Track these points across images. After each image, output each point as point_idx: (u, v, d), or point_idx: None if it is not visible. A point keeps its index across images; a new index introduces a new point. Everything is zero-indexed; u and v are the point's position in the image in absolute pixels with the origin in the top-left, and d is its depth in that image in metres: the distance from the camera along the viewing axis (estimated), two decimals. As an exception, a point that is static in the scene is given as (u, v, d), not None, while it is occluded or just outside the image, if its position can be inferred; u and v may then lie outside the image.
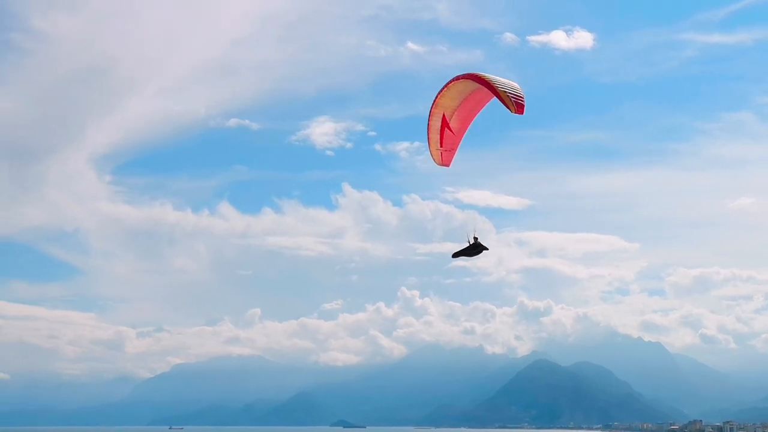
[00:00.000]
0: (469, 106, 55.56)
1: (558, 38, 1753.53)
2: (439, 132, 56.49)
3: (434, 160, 58.50)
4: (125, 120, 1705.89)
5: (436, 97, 55.23)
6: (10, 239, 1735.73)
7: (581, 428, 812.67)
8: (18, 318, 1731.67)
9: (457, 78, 53.95)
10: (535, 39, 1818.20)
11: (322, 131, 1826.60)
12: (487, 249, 59.86)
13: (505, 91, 51.12)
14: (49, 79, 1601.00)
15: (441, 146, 57.20)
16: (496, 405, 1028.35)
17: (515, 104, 51.28)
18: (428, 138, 56.81)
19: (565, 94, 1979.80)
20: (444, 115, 55.66)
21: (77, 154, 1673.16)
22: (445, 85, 54.64)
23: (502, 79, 52.29)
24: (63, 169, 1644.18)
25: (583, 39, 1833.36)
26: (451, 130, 56.34)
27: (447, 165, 59.13)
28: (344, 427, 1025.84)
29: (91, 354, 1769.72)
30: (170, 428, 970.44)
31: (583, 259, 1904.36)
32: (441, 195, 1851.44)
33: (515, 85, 52.40)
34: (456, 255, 60.73)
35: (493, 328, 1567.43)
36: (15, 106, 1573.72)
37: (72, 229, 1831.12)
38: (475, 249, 59.62)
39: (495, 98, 52.43)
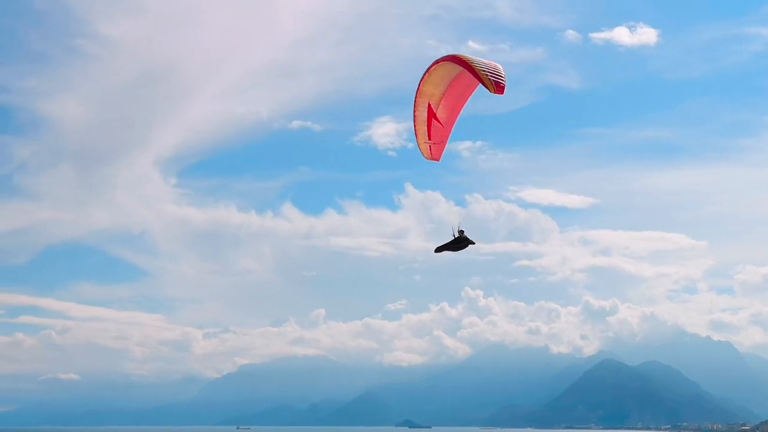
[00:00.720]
0: (455, 93, 50.94)
1: (621, 34, 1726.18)
2: (426, 123, 52.05)
3: (423, 154, 54.17)
4: (189, 123, 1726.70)
5: (419, 84, 50.72)
6: (79, 242, 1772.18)
7: (649, 429, 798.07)
8: (87, 319, 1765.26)
9: (437, 61, 49.70)
10: (598, 36, 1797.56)
11: (384, 132, 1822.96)
12: (473, 243, 55.34)
13: (484, 71, 46.66)
14: (114, 83, 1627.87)
15: (429, 139, 52.73)
16: (562, 405, 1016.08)
17: (494, 84, 46.80)
18: (415, 130, 52.55)
19: (629, 91, 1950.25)
20: (430, 105, 51.11)
21: (143, 157, 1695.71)
22: (427, 71, 50.17)
23: (484, 60, 47.97)
24: (129, 172, 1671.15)
25: (647, 35, 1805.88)
26: (438, 121, 51.88)
27: (437, 159, 54.74)
28: (410, 427, 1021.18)
29: (159, 355, 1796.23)
30: (237, 428, 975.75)
31: (649, 258, 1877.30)
32: (504, 194, 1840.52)
33: (497, 65, 47.99)
34: (439, 249, 56.36)
35: (559, 327, 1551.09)
36: (82, 111, 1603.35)
37: (139, 231, 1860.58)
38: (459, 243, 55.11)
39: (481, 85, 48.19)
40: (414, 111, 51.72)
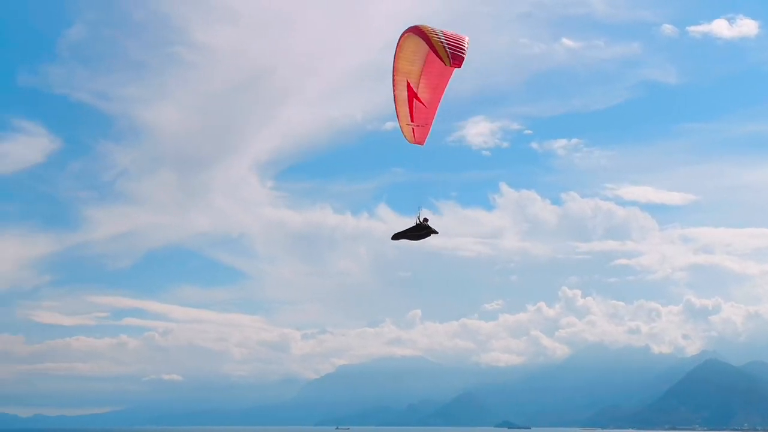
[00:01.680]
0: (434, 71, 46.21)
1: (720, 27, 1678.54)
2: (407, 103, 47.68)
3: (405, 137, 49.89)
4: (285, 127, 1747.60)
5: (394, 61, 46.56)
6: (180, 245, 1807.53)
7: (756, 430, 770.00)
8: (188, 321, 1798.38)
9: (403, 34, 45.57)
10: (696, 29, 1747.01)
11: (478, 131, 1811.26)
12: (435, 232, 50.67)
13: (440, 41, 42.11)
14: (211, 89, 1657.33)
15: (412, 121, 48.44)
16: (665, 406, 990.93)
17: (451, 56, 42.25)
18: (396, 111, 48.31)
19: (729, 85, 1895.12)
20: (408, 83, 46.61)
21: (240, 162, 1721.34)
22: (397, 45, 46.07)
23: (447, 31, 43.39)
24: (227, 177, 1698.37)
25: (747, 27, 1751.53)
26: (421, 102, 47.38)
27: (420, 143, 50.29)
28: (509, 428, 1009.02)
29: (258, 356, 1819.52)
30: (337, 428, 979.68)
31: (753, 255, 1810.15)
32: (601, 192, 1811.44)
33: (460, 36, 43.32)
34: (396, 237, 51.68)
35: (659, 327, 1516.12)
36: (181, 117, 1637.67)
37: (237, 235, 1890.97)
38: (419, 231, 50.44)
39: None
40: (393, 90, 47.49)
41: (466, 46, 42.83)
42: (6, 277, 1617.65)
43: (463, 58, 42.38)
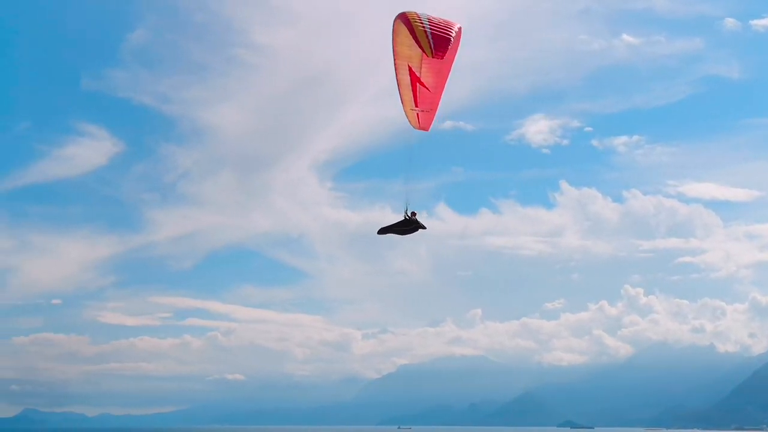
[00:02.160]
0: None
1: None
2: (410, 88, 47.24)
3: (410, 122, 49.50)
4: (344, 127, 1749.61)
5: (393, 45, 46.21)
6: (241, 246, 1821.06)
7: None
8: (250, 321, 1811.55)
9: (396, 19, 45.17)
10: (760, 23, 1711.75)
11: (537, 129, 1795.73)
12: (424, 228, 49.95)
13: (424, 29, 41.36)
14: (271, 91, 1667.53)
15: (416, 106, 48.02)
16: (731, 406, 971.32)
17: (434, 46, 41.49)
18: (400, 96, 47.98)
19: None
20: (410, 68, 46.08)
21: (300, 162, 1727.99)
22: (393, 30, 45.70)
23: (433, 17, 42.67)
24: (287, 177, 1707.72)
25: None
26: (425, 86, 46.90)
27: (426, 129, 49.85)
28: (571, 427, 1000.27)
29: (319, 355, 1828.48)
30: (399, 428, 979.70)
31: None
32: (663, 189, 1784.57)
33: (447, 22, 42.56)
34: (383, 231, 51.10)
35: (725, 325, 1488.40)
36: (242, 119, 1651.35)
37: (297, 235, 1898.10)
38: (407, 225, 49.77)
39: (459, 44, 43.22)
40: (396, 75, 47.15)
41: (452, 34, 41.94)
42: (72, 279, 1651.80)
43: (447, 48, 41.38)
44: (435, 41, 41.04)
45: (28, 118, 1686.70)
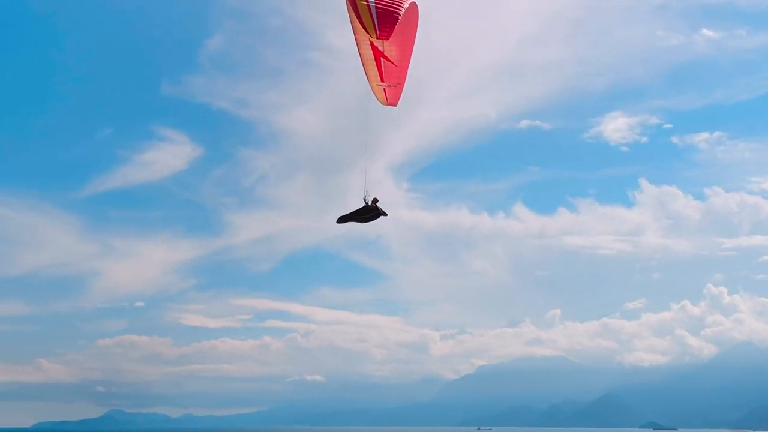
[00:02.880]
0: (398, 27, 43.93)
1: None
2: (374, 63, 45.84)
3: (378, 99, 48.11)
4: (419, 128, 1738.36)
5: (351, 20, 44.54)
6: (319, 248, 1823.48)
7: None
8: (329, 323, 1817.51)
9: None
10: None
11: (615, 127, 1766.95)
12: (385, 215, 48.24)
13: (367, 5, 39.01)
14: (346, 93, 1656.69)
15: (382, 81, 46.61)
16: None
17: (378, 26, 39.36)
18: (365, 73, 46.54)
19: None
20: (371, 42, 44.70)
21: (376, 164, 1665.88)
22: (348, 3, 43.78)
23: None
24: (363, 179, 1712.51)
25: None
26: (389, 61, 45.46)
27: (394, 104, 48.45)
28: (654, 429, 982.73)
29: (398, 356, 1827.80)
30: (479, 429, 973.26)
31: None
32: (746, 186, 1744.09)
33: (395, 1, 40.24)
34: (342, 219, 49.37)
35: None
36: (319, 121, 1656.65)
37: (374, 237, 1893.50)
38: (366, 213, 47.96)
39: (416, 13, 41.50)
40: (358, 51, 45.76)
41: (401, 10, 39.52)
42: (154, 282, 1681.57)
43: (393, 26, 39.01)
44: (380, 19, 38.67)
45: (111, 124, 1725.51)
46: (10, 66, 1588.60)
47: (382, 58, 45.44)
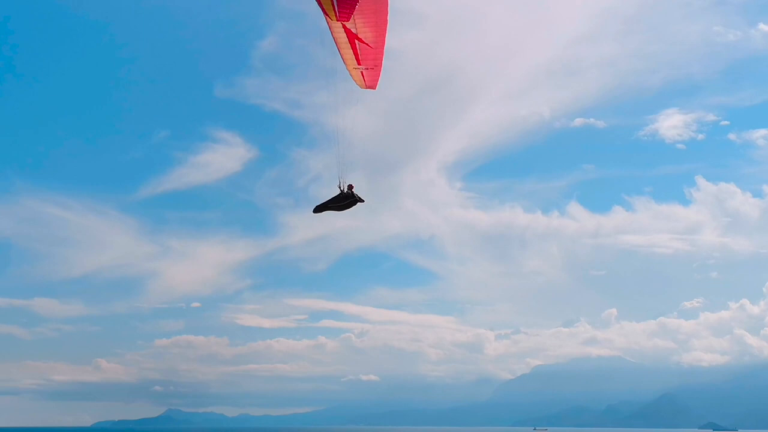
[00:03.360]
0: (366, 9, 42.83)
1: None
2: (349, 46, 44.87)
3: (356, 83, 47.15)
4: (472, 127, 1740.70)
5: (318, 2, 43.34)
6: (372, 248, 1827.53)
7: None
8: (383, 322, 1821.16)
9: None
10: None
11: (671, 124, 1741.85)
12: (362, 201, 46.98)
13: None
14: (399, 93, 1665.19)
15: (359, 64, 45.65)
16: None
17: (337, 7, 38.19)
18: (341, 57, 45.63)
19: None
20: (344, 25, 43.66)
21: (429, 164, 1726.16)
22: None
23: None
24: (416, 179, 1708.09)
25: None
26: (364, 42, 44.43)
27: (372, 87, 47.41)
28: (714, 429, 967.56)
29: (453, 356, 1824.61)
30: (534, 429, 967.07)
31: None
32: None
33: None
34: (318, 209, 48.09)
35: None
36: (372, 122, 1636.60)
37: (428, 236, 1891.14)
38: (342, 201, 46.72)
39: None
40: (331, 34, 44.84)
41: None
42: (210, 282, 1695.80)
43: (352, 9, 37.73)
44: (339, 0, 37.57)
45: (167, 126, 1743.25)
46: (69, 73, 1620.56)
47: (356, 41, 44.37)
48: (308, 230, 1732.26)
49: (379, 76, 46.67)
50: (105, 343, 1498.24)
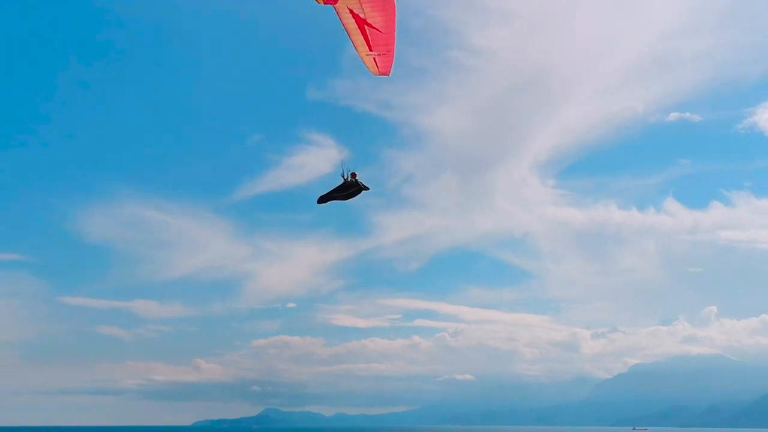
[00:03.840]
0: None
1: None
2: (359, 32, 44.05)
3: (369, 70, 46.22)
4: (564, 124, 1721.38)
5: None
6: (465, 247, 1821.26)
7: None
8: (478, 322, 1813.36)
9: None
10: None
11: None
12: (366, 189, 45.96)
13: None
14: (490, 92, 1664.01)
15: (371, 50, 44.73)
16: None
17: None
18: (353, 44, 44.81)
19: None
20: (351, 11, 42.87)
21: (521, 162, 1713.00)
22: None
23: None
24: (508, 178, 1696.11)
25: None
26: (374, 28, 43.58)
27: (386, 74, 46.36)
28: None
29: (548, 355, 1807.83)
30: (633, 429, 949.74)
31: None
32: None
33: None
34: (322, 199, 47.20)
35: None
36: (460, 121, 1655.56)
37: (521, 235, 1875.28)
38: (347, 189, 45.81)
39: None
40: (341, 21, 44.06)
41: None
42: (305, 283, 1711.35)
43: None
44: None
45: (260, 130, 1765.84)
46: (164, 80, 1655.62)
47: (366, 26, 43.57)
48: (401, 230, 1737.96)
49: (392, 62, 45.72)
50: (203, 343, 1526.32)
